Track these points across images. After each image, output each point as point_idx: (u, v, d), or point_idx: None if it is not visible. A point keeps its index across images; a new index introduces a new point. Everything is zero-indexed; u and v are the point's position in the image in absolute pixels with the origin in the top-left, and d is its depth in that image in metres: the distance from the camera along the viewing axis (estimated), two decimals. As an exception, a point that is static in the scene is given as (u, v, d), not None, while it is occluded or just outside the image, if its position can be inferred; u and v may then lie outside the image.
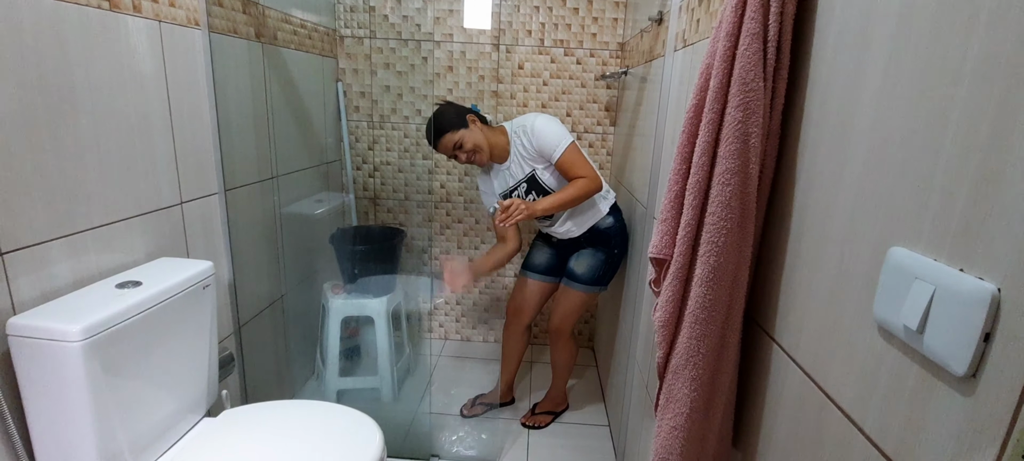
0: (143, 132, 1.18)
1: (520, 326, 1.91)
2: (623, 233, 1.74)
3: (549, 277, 1.86)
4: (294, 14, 1.86)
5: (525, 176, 1.68)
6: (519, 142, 1.65)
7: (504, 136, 1.68)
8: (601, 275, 1.73)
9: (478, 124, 1.65)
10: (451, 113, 1.64)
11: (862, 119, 0.59)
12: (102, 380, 0.93)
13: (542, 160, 1.64)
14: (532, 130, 1.60)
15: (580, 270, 1.74)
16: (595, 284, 1.74)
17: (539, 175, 1.66)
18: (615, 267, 1.75)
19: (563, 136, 1.60)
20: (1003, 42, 0.42)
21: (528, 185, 1.69)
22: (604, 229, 1.71)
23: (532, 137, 1.61)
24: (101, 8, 1.05)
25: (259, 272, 1.72)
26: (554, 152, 1.59)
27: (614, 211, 1.73)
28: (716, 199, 0.75)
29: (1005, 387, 0.40)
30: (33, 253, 0.94)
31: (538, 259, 1.87)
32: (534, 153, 1.62)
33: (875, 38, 0.58)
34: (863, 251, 0.58)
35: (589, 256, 1.73)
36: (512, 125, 1.69)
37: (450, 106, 1.67)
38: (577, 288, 1.75)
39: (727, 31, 0.71)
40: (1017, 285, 0.40)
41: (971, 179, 0.44)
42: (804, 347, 0.70)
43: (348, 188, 2.33)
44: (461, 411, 2.02)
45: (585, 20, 2.14)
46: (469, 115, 1.65)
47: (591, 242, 1.74)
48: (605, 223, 1.71)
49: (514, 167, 1.69)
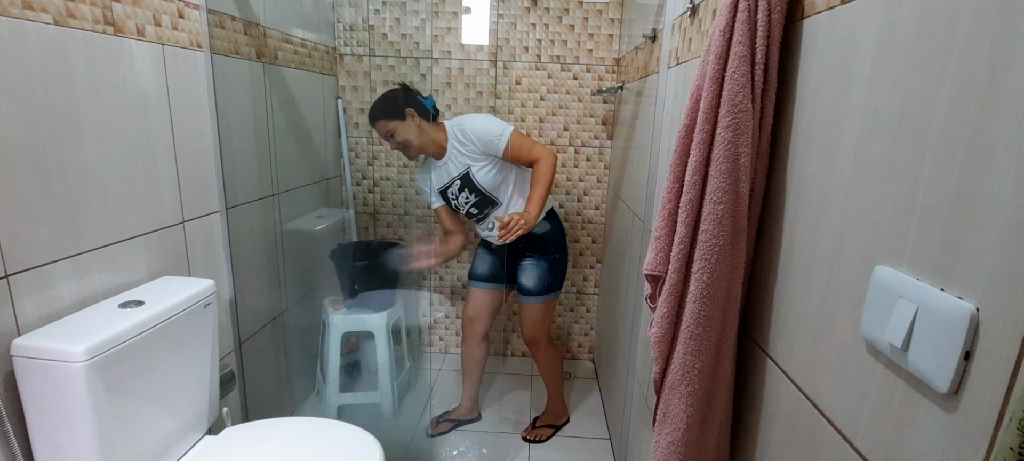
0: (146, 153, 1.20)
1: (476, 335, 1.92)
2: (561, 237, 1.79)
3: (495, 284, 1.88)
4: (295, 34, 1.89)
5: (459, 174, 1.70)
6: (455, 140, 1.67)
7: (444, 133, 1.71)
8: (550, 282, 1.78)
9: (416, 120, 1.67)
10: (393, 101, 1.67)
11: (847, 139, 0.61)
12: (105, 399, 0.94)
13: (484, 157, 1.65)
14: (470, 128, 1.63)
15: (529, 283, 1.78)
16: (547, 292, 1.79)
17: (473, 174, 1.68)
18: (562, 269, 1.81)
19: (503, 126, 1.62)
20: (977, 68, 0.44)
21: (462, 182, 1.70)
22: (541, 235, 1.75)
23: (471, 134, 1.63)
24: (106, 33, 1.08)
25: (260, 289, 1.73)
26: (499, 143, 1.61)
27: (550, 216, 1.77)
28: (708, 217, 0.76)
29: (986, 405, 0.42)
30: (38, 274, 0.95)
31: (481, 268, 1.88)
32: (474, 151, 1.65)
33: (857, 62, 0.59)
34: (850, 269, 0.60)
35: (533, 266, 1.77)
36: (450, 124, 1.72)
37: (396, 93, 1.70)
38: (532, 301, 1.79)
39: (716, 54, 0.73)
40: (994, 305, 0.41)
41: (949, 200, 0.46)
42: (797, 362, 0.71)
43: (348, 203, 2.35)
44: (426, 431, 2.00)
45: (581, 36, 2.17)
46: (409, 109, 1.66)
47: (531, 250, 1.77)
48: (541, 228, 1.74)
49: (450, 165, 1.71)
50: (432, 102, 1.73)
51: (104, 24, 1.07)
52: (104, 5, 1.07)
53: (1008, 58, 0.41)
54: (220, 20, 1.44)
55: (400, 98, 1.68)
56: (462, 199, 1.73)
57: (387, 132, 1.67)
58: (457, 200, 1.74)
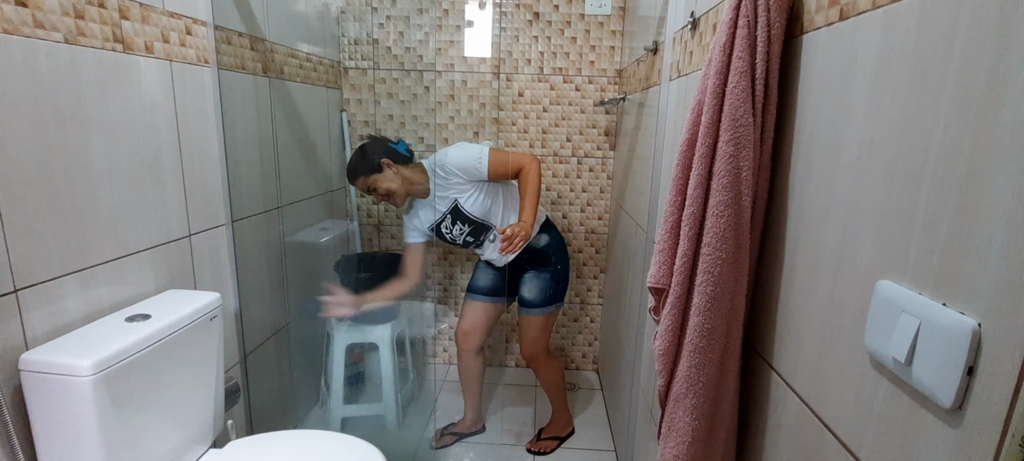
0: (154, 168, 1.22)
1: (471, 349, 1.90)
2: (561, 247, 1.78)
3: (495, 298, 1.86)
4: (300, 49, 1.91)
5: (449, 208, 1.70)
6: (438, 176, 1.67)
7: (424, 174, 1.70)
8: (552, 294, 1.76)
9: (393, 168, 1.65)
10: (368, 157, 1.64)
11: (847, 153, 0.61)
12: (111, 413, 0.94)
13: (468, 186, 1.65)
14: (449, 162, 1.62)
15: (531, 296, 1.77)
16: (548, 304, 1.77)
17: (462, 205, 1.68)
18: (564, 280, 1.79)
19: (479, 149, 1.61)
20: (974, 83, 0.44)
21: (452, 216, 1.70)
22: (541, 248, 1.74)
23: (450, 168, 1.63)
24: (115, 51, 1.10)
25: (265, 301, 1.74)
26: (479, 167, 1.60)
27: (546, 228, 1.77)
28: (711, 230, 0.77)
29: (989, 420, 0.42)
30: (46, 289, 0.96)
31: (482, 281, 1.87)
32: (459, 182, 1.64)
33: (856, 77, 0.60)
34: (853, 283, 0.60)
35: (534, 279, 1.76)
36: (428, 162, 1.72)
37: (370, 146, 1.67)
38: (533, 313, 1.78)
39: (717, 69, 0.74)
40: (996, 320, 0.42)
41: (950, 216, 0.46)
42: (801, 376, 0.71)
43: (352, 215, 2.36)
44: (430, 443, 2.00)
45: (583, 48, 2.19)
46: (385, 159, 1.64)
47: (532, 264, 1.77)
48: (540, 242, 1.74)
49: (437, 202, 1.71)
50: (404, 145, 1.72)
51: (114, 42, 1.09)
52: (114, 23, 1.09)
53: (1006, 72, 0.41)
54: (227, 36, 1.46)
55: (373, 150, 1.66)
56: (456, 231, 1.73)
57: (368, 187, 1.65)
58: (451, 233, 1.74)
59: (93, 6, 1.04)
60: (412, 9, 2.19)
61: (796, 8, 0.73)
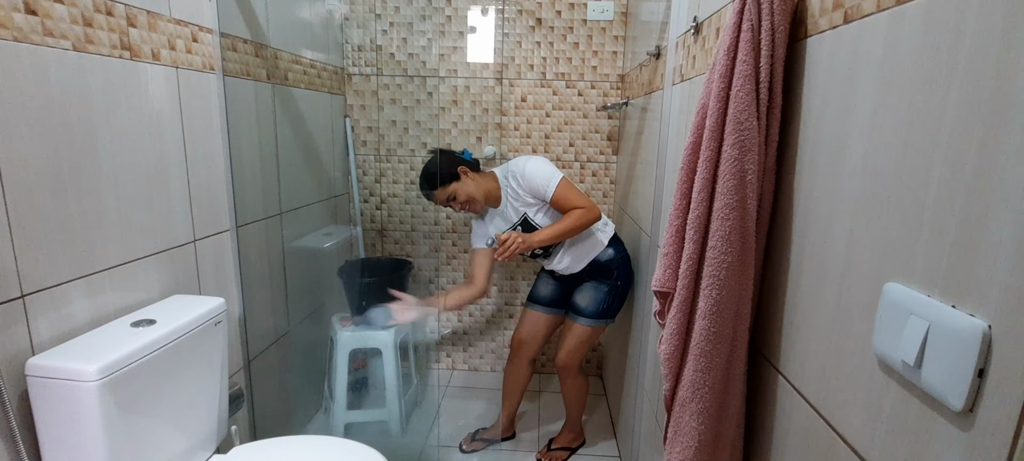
0: (160, 173, 1.22)
1: (524, 359, 1.91)
2: (626, 263, 1.74)
3: (554, 309, 1.86)
4: (304, 55, 1.93)
5: (519, 219, 1.70)
6: (509, 187, 1.68)
7: (495, 182, 1.72)
8: (606, 308, 1.73)
9: (470, 174, 1.68)
10: (443, 167, 1.67)
11: (853, 156, 0.61)
12: (117, 418, 0.94)
13: (536, 202, 1.66)
14: (522, 174, 1.63)
15: (584, 303, 1.74)
16: (600, 317, 1.74)
17: (531, 217, 1.68)
18: (621, 298, 1.75)
19: (553, 174, 1.62)
20: (981, 85, 0.44)
21: (522, 228, 1.71)
22: (605, 261, 1.72)
23: (522, 180, 1.64)
24: (123, 58, 1.11)
25: (269, 306, 1.74)
26: (547, 190, 1.61)
27: (614, 242, 1.75)
28: (716, 233, 0.76)
29: (1001, 423, 0.41)
30: (53, 294, 0.96)
31: (543, 291, 1.87)
32: (526, 196, 1.65)
33: (861, 80, 0.60)
34: (861, 285, 0.59)
35: (592, 289, 1.74)
36: (502, 170, 1.73)
37: (443, 157, 1.70)
38: (582, 322, 1.75)
39: (721, 72, 0.74)
40: (1006, 322, 0.41)
41: (958, 218, 0.46)
42: (809, 379, 0.71)
43: (356, 220, 2.37)
44: (460, 446, 2.00)
45: (585, 53, 2.20)
46: (461, 167, 1.68)
47: (593, 275, 1.75)
48: (606, 256, 1.72)
49: (508, 211, 1.72)
50: (469, 154, 1.75)
51: (121, 49, 1.10)
52: (121, 31, 1.10)
53: (1013, 73, 0.41)
54: (232, 43, 1.48)
55: (447, 162, 1.69)
56: None
57: (449, 196, 1.68)
58: None
59: (101, 14, 1.05)
60: (415, 15, 2.21)
61: (800, 11, 0.73)
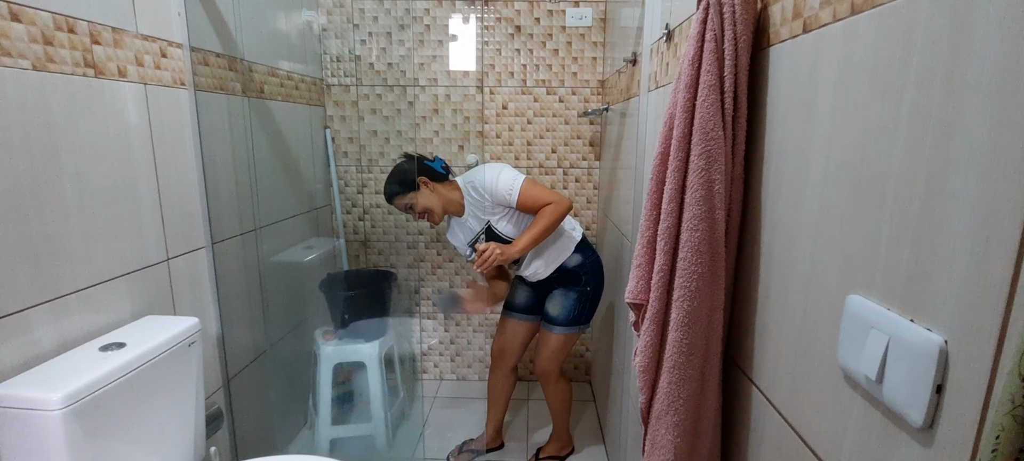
0: (128, 192, 1.20)
1: (506, 367, 1.90)
2: (595, 268, 1.74)
3: (531, 316, 1.85)
4: (281, 67, 1.91)
5: (482, 228, 1.70)
6: (470, 196, 1.67)
7: (458, 191, 1.70)
8: (577, 314, 1.72)
9: (429, 185, 1.67)
10: (401, 177, 1.67)
11: (815, 165, 0.61)
12: (84, 447, 0.92)
13: (500, 210, 1.65)
14: (482, 184, 1.62)
15: (554, 312, 1.74)
16: (572, 324, 1.73)
17: (494, 225, 1.67)
18: (592, 303, 1.75)
19: (515, 177, 1.60)
20: (932, 97, 0.44)
21: (486, 236, 1.70)
22: (573, 268, 1.72)
23: (483, 190, 1.62)
24: (86, 76, 1.08)
25: (248, 323, 1.71)
26: (511, 195, 1.59)
27: (581, 248, 1.74)
28: (686, 244, 0.76)
29: (959, 439, 0.41)
30: (16, 320, 0.94)
31: (519, 299, 1.86)
32: (489, 204, 1.64)
33: (820, 90, 0.60)
34: (825, 297, 0.59)
35: (561, 296, 1.73)
36: (463, 180, 1.72)
37: (406, 165, 1.70)
38: (556, 331, 1.74)
39: (686, 83, 0.74)
40: (961, 338, 0.41)
41: (913, 230, 0.46)
42: (780, 390, 0.70)
43: (338, 232, 2.35)
44: (448, 458, 1.98)
45: (565, 60, 2.20)
46: (421, 177, 1.66)
47: (561, 282, 1.74)
48: (573, 261, 1.72)
49: (470, 220, 1.71)
50: (440, 163, 1.74)
51: (85, 67, 1.08)
52: (84, 48, 1.08)
53: (961, 85, 0.41)
54: (204, 57, 1.45)
55: (409, 169, 1.68)
56: None
57: (406, 205, 1.68)
58: None
59: (62, 32, 1.03)
60: (393, 25, 2.20)
61: (763, 20, 0.73)
